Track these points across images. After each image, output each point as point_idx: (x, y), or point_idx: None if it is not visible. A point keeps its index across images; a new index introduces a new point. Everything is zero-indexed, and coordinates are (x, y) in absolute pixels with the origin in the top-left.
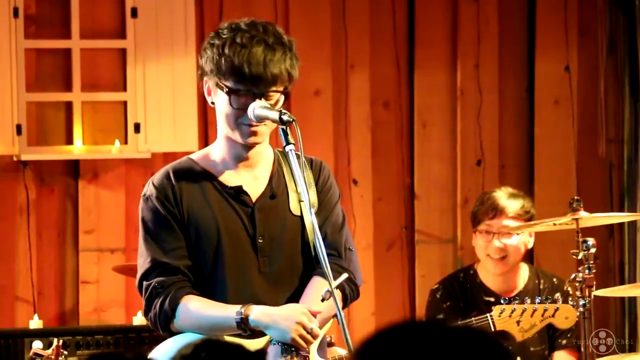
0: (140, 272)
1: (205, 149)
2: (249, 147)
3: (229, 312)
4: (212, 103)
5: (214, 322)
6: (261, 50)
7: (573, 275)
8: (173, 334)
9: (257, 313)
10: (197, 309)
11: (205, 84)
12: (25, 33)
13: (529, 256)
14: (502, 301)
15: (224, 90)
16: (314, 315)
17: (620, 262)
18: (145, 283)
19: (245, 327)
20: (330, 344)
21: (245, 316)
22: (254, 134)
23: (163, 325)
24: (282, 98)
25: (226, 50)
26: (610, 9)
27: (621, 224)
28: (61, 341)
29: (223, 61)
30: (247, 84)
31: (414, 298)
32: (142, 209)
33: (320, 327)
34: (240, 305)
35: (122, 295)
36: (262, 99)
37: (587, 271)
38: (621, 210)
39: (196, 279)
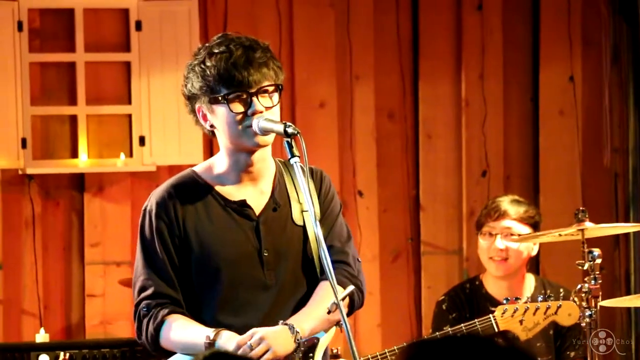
0: (134, 287)
1: (208, 161)
2: (254, 152)
3: (199, 335)
4: (211, 126)
5: (187, 343)
6: (242, 52)
7: (579, 286)
8: (165, 353)
9: (224, 339)
10: (174, 329)
11: (198, 112)
12: (30, 47)
13: (534, 267)
14: (504, 301)
15: (220, 101)
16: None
17: (626, 273)
18: (135, 303)
19: None
20: (337, 356)
21: (212, 341)
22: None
23: (152, 347)
24: (277, 95)
25: (208, 63)
26: (614, 18)
27: (627, 234)
28: (67, 355)
29: (209, 73)
30: (239, 86)
31: (420, 309)
32: (141, 223)
33: (318, 331)
34: (212, 330)
35: (128, 308)
36: (259, 97)
37: (592, 282)
38: (627, 220)
39: (198, 295)
